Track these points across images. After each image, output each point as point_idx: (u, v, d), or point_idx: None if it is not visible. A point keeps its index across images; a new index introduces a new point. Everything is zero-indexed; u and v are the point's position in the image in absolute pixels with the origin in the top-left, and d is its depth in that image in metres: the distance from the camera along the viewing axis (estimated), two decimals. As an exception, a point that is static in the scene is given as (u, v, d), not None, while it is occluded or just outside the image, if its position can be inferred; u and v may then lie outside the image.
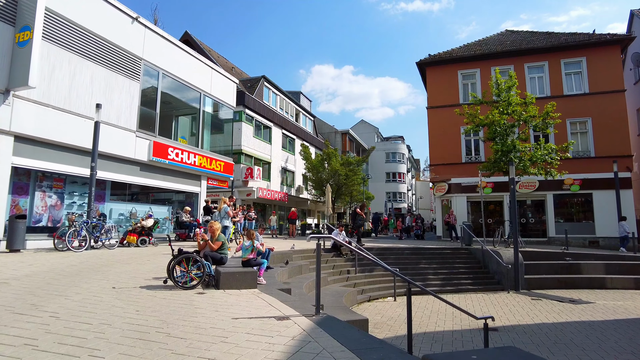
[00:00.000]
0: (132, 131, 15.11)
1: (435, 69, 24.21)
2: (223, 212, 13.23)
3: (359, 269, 13.15)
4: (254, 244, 7.76)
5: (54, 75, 12.33)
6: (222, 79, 21.15)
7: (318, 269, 5.16)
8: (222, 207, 13.24)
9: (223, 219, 12.99)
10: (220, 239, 7.43)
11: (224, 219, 13.02)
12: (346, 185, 31.83)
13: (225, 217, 13.10)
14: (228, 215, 13.15)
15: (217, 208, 13.14)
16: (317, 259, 5.17)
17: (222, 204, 13.44)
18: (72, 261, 9.03)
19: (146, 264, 8.98)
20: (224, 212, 13.22)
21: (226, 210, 13.23)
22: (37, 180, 12.69)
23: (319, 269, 5.17)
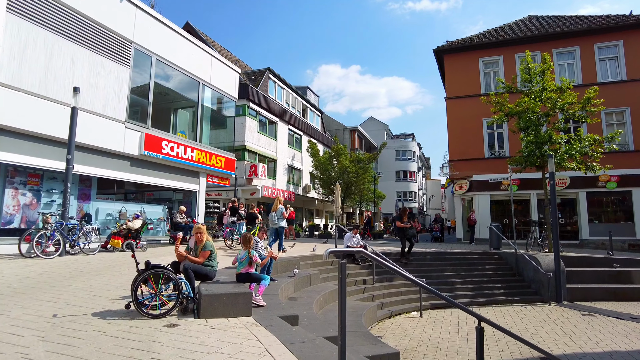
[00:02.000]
0: (121, 122, 13.49)
1: (454, 57, 22.34)
2: (279, 212, 12.11)
3: (377, 278, 11.38)
4: (250, 255, 6.03)
5: (26, 55, 10.73)
6: (223, 68, 19.49)
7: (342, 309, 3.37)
8: (278, 207, 12.18)
9: (279, 220, 11.97)
10: (208, 247, 5.73)
11: (280, 219, 11.97)
12: (356, 183, 30.03)
13: (281, 218, 12.07)
14: (283, 217, 12.17)
15: (273, 208, 12.19)
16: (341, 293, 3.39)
17: (277, 204, 12.34)
18: (32, 271, 7.39)
19: (121, 275, 7.31)
20: (280, 212, 12.10)
21: (282, 211, 12.15)
22: (8, 175, 11.10)
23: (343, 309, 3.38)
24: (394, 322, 9.42)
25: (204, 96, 18.10)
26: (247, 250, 6.03)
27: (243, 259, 6.00)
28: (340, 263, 3.36)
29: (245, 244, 6.14)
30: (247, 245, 6.10)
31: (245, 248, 6.09)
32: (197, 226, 5.92)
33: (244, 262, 5.98)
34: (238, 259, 6.09)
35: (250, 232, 15.50)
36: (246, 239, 6.18)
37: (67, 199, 10.04)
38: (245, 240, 6.18)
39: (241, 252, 6.12)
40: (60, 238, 9.59)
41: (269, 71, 30.06)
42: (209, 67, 18.32)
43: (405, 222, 12.93)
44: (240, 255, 6.08)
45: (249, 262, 5.97)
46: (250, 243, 6.13)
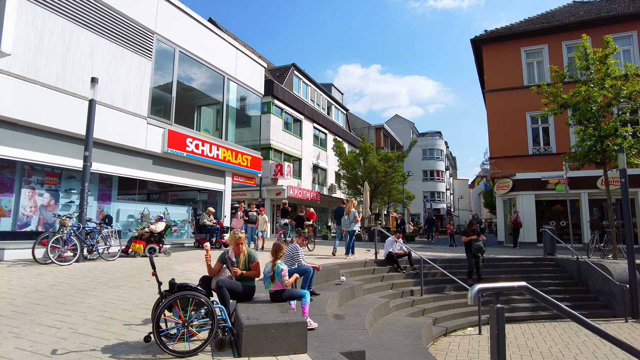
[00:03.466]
0: (143, 117, 12.64)
1: (494, 47, 20.77)
2: (352, 216, 11.58)
3: (425, 289, 10.11)
4: (274, 268, 4.81)
5: (42, 44, 9.94)
6: (248, 62, 18.54)
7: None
8: (351, 210, 11.54)
9: (352, 223, 11.44)
10: (254, 259, 4.66)
11: (352, 223, 11.43)
12: (385, 183, 28.66)
13: (354, 221, 11.54)
14: (356, 220, 11.62)
15: (346, 211, 11.72)
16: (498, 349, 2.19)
17: (351, 206, 11.82)
18: (43, 282, 6.47)
19: (142, 288, 6.31)
20: (353, 216, 11.57)
21: (355, 214, 11.63)
22: (24, 174, 10.34)
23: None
24: (452, 341, 8.15)
25: (229, 91, 17.17)
26: (273, 263, 4.84)
27: (269, 273, 4.83)
28: (496, 309, 2.16)
29: (274, 253, 4.95)
30: (276, 255, 4.91)
31: (274, 258, 4.90)
32: (236, 235, 4.84)
33: (272, 277, 4.81)
34: (265, 273, 4.93)
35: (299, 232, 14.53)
36: (276, 248, 4.98)
37: (84, 200, 9.17)
38: (275, 250, 4.97)
39: (267, 266, 4.96)
40: (77, 242, 8.71)
41: (293, 67, 29.05)
42: (233, 60, 17.39)
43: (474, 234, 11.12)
44: (266, 269, 4.91)
45: (277, 276, 4.80)
46: (280, 254, 4.95)
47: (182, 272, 7.98)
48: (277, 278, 4.69)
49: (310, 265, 6.54)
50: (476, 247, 10.89)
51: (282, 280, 4.68)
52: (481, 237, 10.98)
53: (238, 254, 4.73)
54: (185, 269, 8.39)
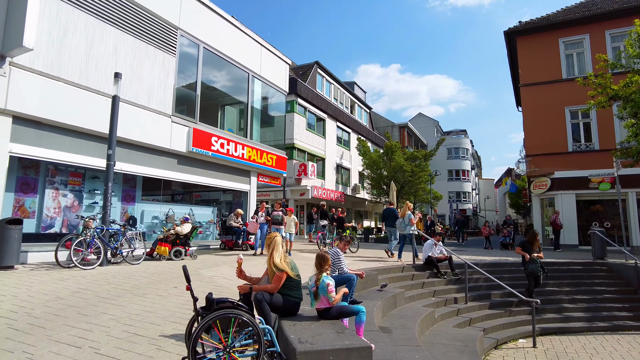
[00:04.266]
0: (167, 115, 12.25)
1: (529, 39, 19.66)
2: (407, 218, 11.24)
3: (469, 296, 9.31)
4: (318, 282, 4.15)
5: (65, 40, 9.62)
6: (272, 59, 18.03)
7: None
8: (407, 213, 10.79)
9: (407, 226, 11.05)
10: (279, 269, 4.03)
11: (408, 226, 11.04)
12: (412, 183, 27.74)
13: (409, 224, 11.16)
14: (412, 223, 11.21)
15: (401, 214, 11.35)
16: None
17: (406, 208, 11.41)
18: (65, 288, 6.03)
19: (169, 296, 5.78)
20: (408, 218, 11.23)
21: (410, 217, 11.25)
22: (48, 174, 10.04)
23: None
24: (506, 355, 7.37)
25: (253, 89, 16.70)
26: (319, 276, 4.19)
27: (313, 288, 4.17)
28: None
29: (318, 265, 4.28)
30: (322, 268, 4.24)
31: (319, 271, 4.24)
32: (269, 235, 4.23)
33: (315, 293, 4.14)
34: (309, 288, 4.29)
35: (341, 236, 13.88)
36: (321, 259, 4.30)
37: (108, 200, 8.76)
38: (320, 261, 4.29)
39: (311, 280, 4.31)
40: (101, 245, 8.29)
41: (317, 65, 28.47)
42: (258, 57, 16.91)
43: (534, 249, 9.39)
44: (309, 283, 4.26)
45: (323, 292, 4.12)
46: (326, 266, 4.28)
47: (211, 277, 7.45)
48: (322, 294, 4.06)
49: (353, 273, 5.89)
50: (530, 270, 9.24)
51: (328, 296, 4.04)
52: (539, 255, 9.40)
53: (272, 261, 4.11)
54: (213, 273, 7.86)
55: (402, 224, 11.20)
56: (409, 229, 11.09)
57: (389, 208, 12.29)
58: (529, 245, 9.48)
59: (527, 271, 9.39)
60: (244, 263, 4.05)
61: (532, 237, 9.59)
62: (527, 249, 9.41)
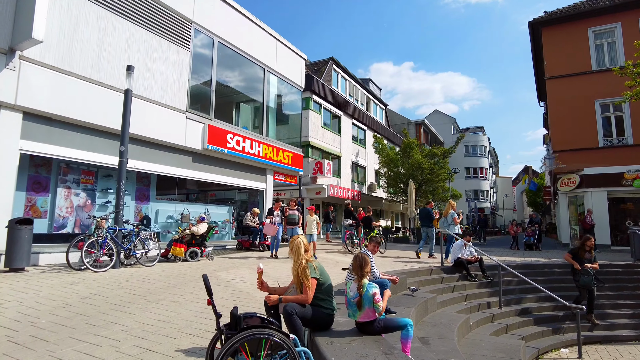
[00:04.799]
0: (181, 111, 11.85)
1: (556, 30, 18.78)
2: (450, 217, 10.99)
3: (503, 300, 8.66)
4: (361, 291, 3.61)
5: (77, 33, 9.27)
6: (288, 54, 17.55)
7: None
8: (449, 212, 10.10)
9: (450, 225, 10.74)
10: (315, 273, 3.50)
11: (451, 225, 10.72)
12: (430, 181, 26.98)
13: (452, 224, 10.86)
14: (455, 222, 10.92)
15: (444, 213, 11.08)
16: None
17: (449, 207, 10.52)
18: (75, 293, 5.62)
19: (185, 302, 5.31)
20: (451, 217, 10.97)
21: (453, 216, 10.96)
22: (60, 173, 9.71)
23: None
24: (550, 368, 6.73)
25: (269, 85, 16.23)
26: (360, 282, 3.65)
27: (356, 299, 3.63)
28: None
29: (358, 269, 3.73)
30: (362, 272, 3.70)
31: (359, 277, 3.71)
32: (293, 237, 3.71)
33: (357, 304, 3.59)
34: (348, 298, 3.75)
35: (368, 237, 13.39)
36: (360, 262, 3.76)
37: (121, 199, 8.35)
38: (359, 264, 3.75)
39: (350, 286, 3.78)
40: (114, 246, 7.90)
41: (332, 61, 27.90)
42: (273, 52, 16.44)
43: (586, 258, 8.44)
44: (350, 292, 3.72)
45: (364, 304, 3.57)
46: (367, 269, 3.73)
47: (229, 280, 6.98)
48: (367, 305, 3.53)
49: (385, 277, 5.35)
50: (583, 283, 8.28)
51: (375, 307, 3.51)
52: (594, 266, 8.41)
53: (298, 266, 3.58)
54: (231, 276, 7.40)
55: (445, 224, 10.88)
56: (452, 228, 10.73)
57: (424, 208, 11.80)
58: (582, 252, 8.51)
59: (579, 284, 8.45)
60: (266, 270, 3.54)
61: (585, 243, 8.60)
62: (577, 258, 8.48)
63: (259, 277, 3.45)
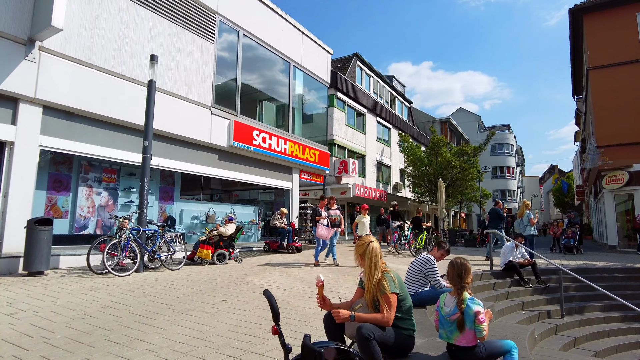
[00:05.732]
0: (207, 107, 11.30)
1: (599, 16, 17.54)
2: (526, 218, 10.51)
3: (564, 309, 7.72)
4: (462, 307, 2.84)
5: (98, 24, 8.78)
6: (314, 48, 16.89)
7: None
8: (525, 213, 9.57)
9: (527, 227, 10.26)
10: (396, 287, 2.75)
11: (527, 227, 10.38)
12: (461, 180, 25.86)
13: (529, 225, 10.37)
14: (531, 224, 10.45)
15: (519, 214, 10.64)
16: None
17: (524, 207, 10.75)
18: (95, 302, 5.03)
19: (219, 314, 4.64)
20: (527, 218, 10.50)
21: (529, 217, 10.47)
22: (81, 170, 9.24)
23: None
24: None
25: (294, 80, 15.59)
26: (460, 296, 2.89)
27: (453, 315, 2.87)
28: None
29: (456, 279, 2.97)
30: (462, 283, 2.94)
31: (458, 289, 2.95)
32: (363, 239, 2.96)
33: (460, 323, 2.82)
34: (442, 314, 2.98)
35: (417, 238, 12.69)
36: (460, 269, 2.98)
37: (145, 198, 7.79)
38: (458, 273, 2.98)
39: (445, 299, 3.01)
40: (137, 248, 7.33)
41: (356, 57, 27.13)
42: (299, 46, 15.80)
43: None
44: (445, 307, 2.95)
45: (470, 322, 2.81)
46: (468, 279, 2.95)
47: (263, 286, 6.29)
48: (469, 326, 2.77)
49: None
50: None
51: (477, 329, 2.75)
52: None
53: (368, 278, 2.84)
54: (264, 281, 6.72)
55: (521, 225, 10.35)
56: (529, 230, 10.18)
57: (494, 208, 10.95)
58: None
59: None
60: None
61: None
62: None
63: (320, 291, 2.72)
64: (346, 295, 5.51)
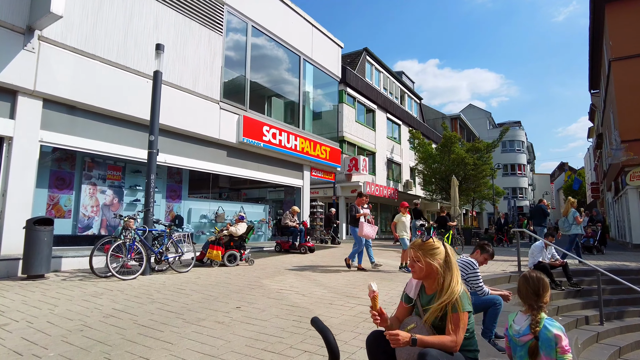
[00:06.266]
0: (215, 101, 10.82)
1: (622, 5, 16.79)
2: (571, 216, 9.73)
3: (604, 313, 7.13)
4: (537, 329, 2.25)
5: (101, 13, 8.32)
6: (324, 41, 16.35)
7: None
8: (570, 210, 9.81)
9: (573, 226, 9.65)
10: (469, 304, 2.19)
11: (573, 226, 9.63)
12: (474, 177, 25.16)
13: (574, 224, 9.65)
14: (577, 222, 9.68)
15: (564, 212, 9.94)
16: None
17: (568, 206, 9.90)
18: (96, 309, 4.55)
19: (233, 325, 4.14)
20: (572, 216, 9.71)
21: (575, 215, 9.58)
22: (85, 167, 8.79)
23: None
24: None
25: (305, 74, 15.06)
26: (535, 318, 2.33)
27: (524, 336, 2.31)
28: None
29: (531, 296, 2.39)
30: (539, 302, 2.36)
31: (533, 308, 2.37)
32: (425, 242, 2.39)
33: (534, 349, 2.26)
34: (511, 335, 2.42)
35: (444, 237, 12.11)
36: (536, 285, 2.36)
37: (151, 196, 7.31)
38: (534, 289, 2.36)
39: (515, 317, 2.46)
40: (143, 250, 6.85)
41: (365, 52, 26.52)
42: (309, 39, 15.27)
43: None
44: (515, 326, 2.40)
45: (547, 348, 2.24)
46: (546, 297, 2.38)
47: (279, 291, 5.79)
48: (545, 353, 2.22)
49: (496, 293, 4.02)
50: None
51: (558, 359, 2.20)
52: None
53: (431, 292, 2.30)
54: (280, 286, 6.21)
55: (566, 224, 9.78)
56: (574, 228, 9.61)
57: (538, 204, 10.38)
58: None
59: None
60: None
61: None
62: None
63: (374, 303, 2.17)
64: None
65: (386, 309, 4.88)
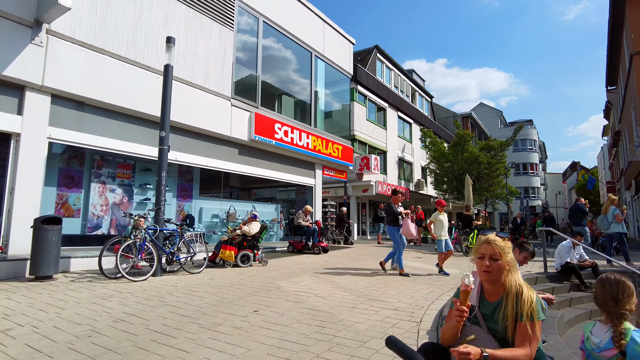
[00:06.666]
0: (226, 98, 10.56)
1: (643, -3, 16.28)
2: (611, 215, 9.33)
3: (638, 318, 6.72)
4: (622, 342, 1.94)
5: (110, 7, 8.09)
6: (336, 37, 16.04)
7: None
8: (610, 208, 9.37)
9: (612, 224, 9.17)
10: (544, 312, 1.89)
11: (613, 224, 9.15)
12: (488, 176, 24.66)
13: (614, 222, 9.13)
14: (618, 220, 9.26)
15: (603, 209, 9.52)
16: None
17: (609, 203, 9.50)
18: (105, 314, 4.28)
19: (252, 330, 3.83)
20: (612, 214, 9.31)
21: (615, 212, 9.16)
22: (94, 165, 8.57)
23: None
24: None
25: (317, 71, 14.75)
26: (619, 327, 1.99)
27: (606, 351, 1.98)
28: None
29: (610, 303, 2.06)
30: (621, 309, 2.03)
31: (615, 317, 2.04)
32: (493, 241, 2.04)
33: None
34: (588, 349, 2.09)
35: (468, 237, 11.76)
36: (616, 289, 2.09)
37: (162, 195, 7.05)
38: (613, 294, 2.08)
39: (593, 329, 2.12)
40: (154, 250, 6.58)
41: (376, 50, 26.16)
42: (321, 35, 14.96)
43: None
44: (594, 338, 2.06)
45: None
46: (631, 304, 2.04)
47: (297, 294, 5.48)
48: None
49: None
50: None
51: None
52: None
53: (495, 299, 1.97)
54: (297, 288, 5.90)
55: (605, 222, 9.43)
56: (614, 227, 9.21)
57: (576, 203, 10.02)
58: None
59: None
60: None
61: None
62: None
63: (464, 298, 1.84)
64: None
65: (412, 313, 4.55)
